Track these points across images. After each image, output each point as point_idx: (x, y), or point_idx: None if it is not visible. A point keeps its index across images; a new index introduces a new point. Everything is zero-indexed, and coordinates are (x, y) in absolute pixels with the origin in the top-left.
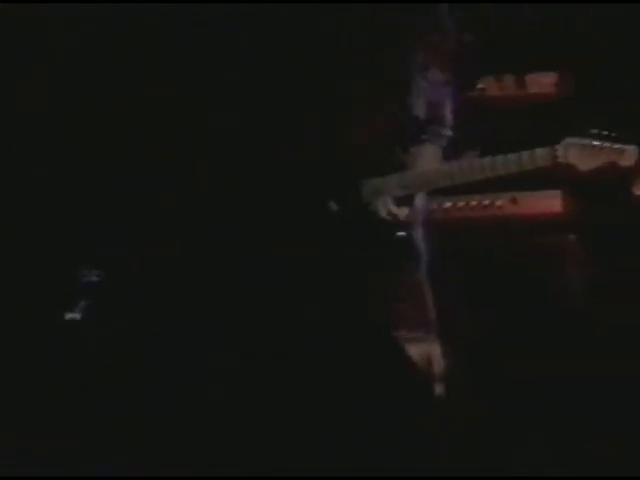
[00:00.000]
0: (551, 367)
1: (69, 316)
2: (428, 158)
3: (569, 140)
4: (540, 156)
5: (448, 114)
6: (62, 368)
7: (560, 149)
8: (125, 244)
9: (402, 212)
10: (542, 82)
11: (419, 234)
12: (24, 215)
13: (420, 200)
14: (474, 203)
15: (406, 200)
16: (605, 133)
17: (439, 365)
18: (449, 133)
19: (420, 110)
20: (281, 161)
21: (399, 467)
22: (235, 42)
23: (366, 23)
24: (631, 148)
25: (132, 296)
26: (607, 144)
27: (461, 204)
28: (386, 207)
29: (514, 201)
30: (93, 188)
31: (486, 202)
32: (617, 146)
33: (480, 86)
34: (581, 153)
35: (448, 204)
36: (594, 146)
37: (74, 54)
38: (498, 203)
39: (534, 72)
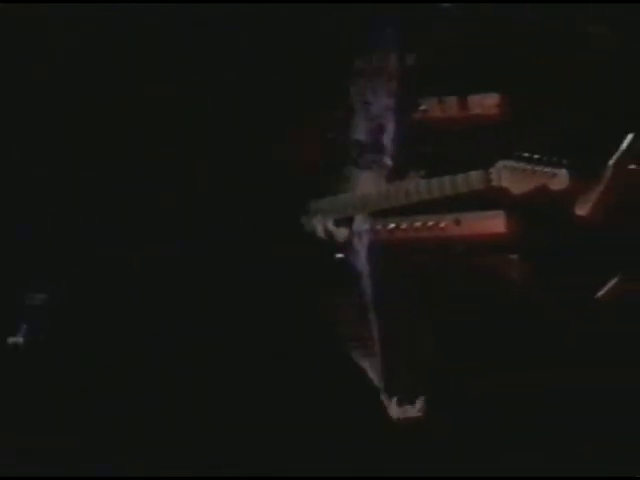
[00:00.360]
0: (496, 381)
1: (11, 340)
2: (367, 181)
3: (502, 163)
4: (474, 179)
5: (388, 141)
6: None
7: (494, 172)
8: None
9: (340, 232)
10: (484, 103)
11: (363, 255)
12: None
13: (361, 222)
14: (418, 224)
15: (345, 222)
16: (537, 157)
17: (379, 380)
18: (389, 162)
19: (361, 134)
20: (221, 182)
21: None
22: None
23: (309, 47)
24: (562, 172)
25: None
26: (539, 168)
27: (405, 225)
28: (323, 226)
29: (457, 222)
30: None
31: (430, 223)
32: (548, 170)
33: (423, 107)
34: (513, 176)
35: (392, 225)
36: (526, 170)
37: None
38: (442, 224)
39: (477, 93)
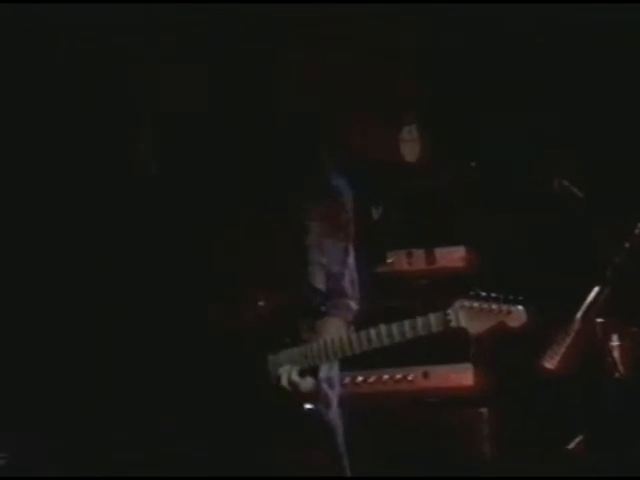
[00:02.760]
0: None
1: None
2: (330, 329)
3: (459, 304)
4: (433, 321)
5: (349, 286)
6: None
7: (451, 313)
8: None
9: (305, 383)
10: (451, 256)
11: (334, 407)
12: None
13: (329, 372)
14: (386, 377)
15: (311, 371)
16: (494, 295)
17: None
18: (354, 305)
19: (320, 283)
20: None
21: None
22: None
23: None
24: (519, 309)
25: None
26: (495, 306)
27: (373, 378)
28: (287, 376)
29: (426, 375)
30: None
31: (398, 376)
32: (505, 307)
33: (390, 260)
34: (471, 316)
35: (360, 378)
36: (482, 308)
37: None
38: (410, 377)
39: (443, 246)
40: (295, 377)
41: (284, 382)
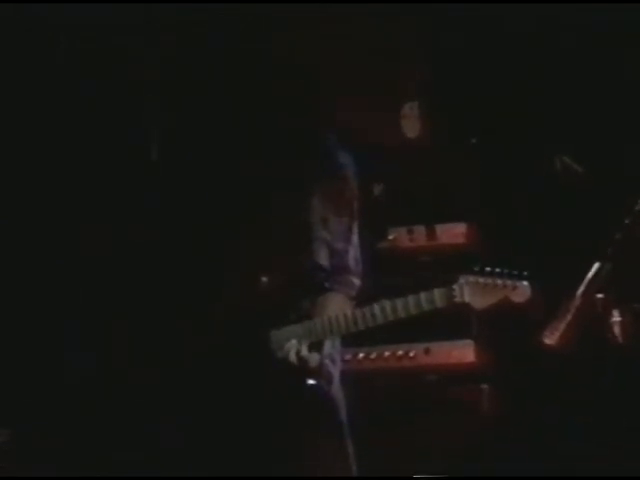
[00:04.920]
0: None
1: None
2: (334, 305)
3: (463, 279)
4: (437, 297)
5: (353, 262)
6: None
7: (456, 289)
8: None
9: (313, 358)
10: (452, 232)
11: (336, 383)
12: None
13: (331, 348)
14: (388, 353)
15: (316, 346)
16: (498, 270)
17: None
18: (357, 282)
19: (323, 259)
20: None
21: None
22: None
23: (262, 174)
24: (524, 284)
25: None
26: (500, 281)
27: (374, 355)
28: (296, 351)
29: (427, 351)
30: None
31: (400, 352)
32: (510, 282)
33: (391, 237)
34: (475, 291)
35: (361, 355)
36: (487, 284)
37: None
38: (411, 353)
39: (444, 222)
40: (305, 352)
41: (292, 357)
